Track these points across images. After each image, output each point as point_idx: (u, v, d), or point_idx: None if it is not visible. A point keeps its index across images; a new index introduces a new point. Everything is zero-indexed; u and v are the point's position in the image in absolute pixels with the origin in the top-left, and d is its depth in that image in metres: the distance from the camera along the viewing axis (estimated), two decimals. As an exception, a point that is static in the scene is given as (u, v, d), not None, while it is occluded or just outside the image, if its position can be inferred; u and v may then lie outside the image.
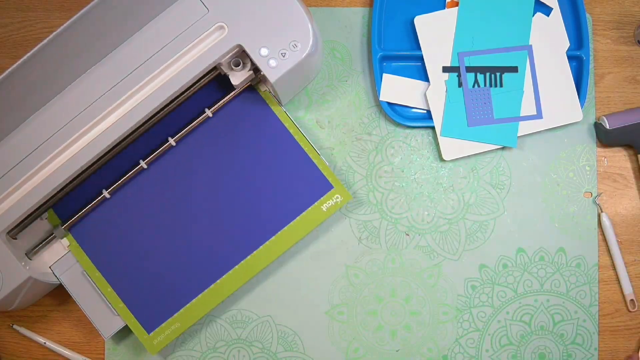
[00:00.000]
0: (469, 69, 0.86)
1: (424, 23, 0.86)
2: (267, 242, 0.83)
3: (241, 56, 0.78)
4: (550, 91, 0.86)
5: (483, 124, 0.85)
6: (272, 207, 0.84)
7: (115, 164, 0.82)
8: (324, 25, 0.89)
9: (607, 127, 0.85)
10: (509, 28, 0.86)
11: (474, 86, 0.86)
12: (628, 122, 0.85)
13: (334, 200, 0.83)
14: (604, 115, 0.86)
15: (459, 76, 0.86)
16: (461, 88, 0.86)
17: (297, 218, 0.83)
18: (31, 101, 0.75)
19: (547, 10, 0.86)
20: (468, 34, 0.86)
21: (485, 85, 0.86)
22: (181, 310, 0.83)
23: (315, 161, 0.83)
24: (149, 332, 0.82)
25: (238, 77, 0.79)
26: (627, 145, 0.87)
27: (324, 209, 0.83)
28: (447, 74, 0.86)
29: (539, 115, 0.86)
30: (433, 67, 0.86)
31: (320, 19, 0.89)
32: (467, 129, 0.86)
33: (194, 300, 0.83)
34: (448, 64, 0.86)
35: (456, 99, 0.86)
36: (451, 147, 0.86)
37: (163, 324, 0.82)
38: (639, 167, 0.87)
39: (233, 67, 0.79)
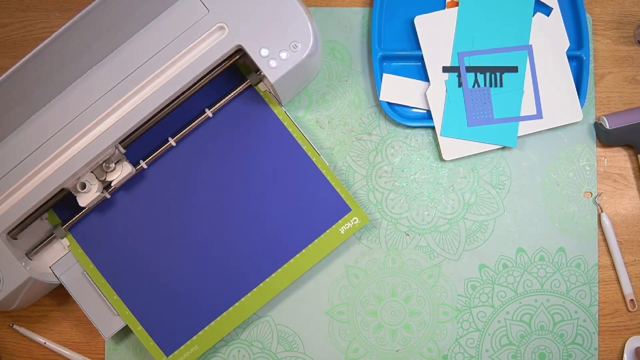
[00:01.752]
0: (469, 69, 0.86)
1: (424, 23, 0.86)
2: (285, 265, 0.83)
3: (92, 174, 0.78)
4: (550, 91, 0.86)
5: (483, 124, 0.85)
6: (287, 226, 0.83)
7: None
8: (324, 25, 0.89)
9: (607, 127, 0.85)
10: (509, 28, 0.86)
11: (474, 86, 0.86)
12: (628, 122, 0.85)
13: (352, 223, 0.83)
14: (604, 115, 0.86)
15: (459, 76, 0.86)
16: (461, 88, 0.86)
17: (316, 240, 0.83)
18: (31, 101, 0.75)
19: (547, 10, 0.86)
20: (468, 34, 0.86)
21: (485, 85, 0.86)
22: (200, 333, 0.82)
23: (329, 179, 0.83)
24: (167, 354, 0.82)
25: (85, 199, 0.78)
26: (627, 145, 0.87)
27: (342, 232, 0.83)
28: (447, 74, 0.86)
29: (539, 115, 0.86)
30: (433, 67, 0.86)
31: (320, 19, 0.89)
32: (467, 129, 0.86)
33: (212, 323, 0.82)
34: (448, 64, 0.86)
35: (456, 99, 0.86)
36: (451, 147, 0.86)
37: (182, 347, 0.82)
38: (639, 167, 0.87)
39: (79, 190, 0.78)
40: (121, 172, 0.79)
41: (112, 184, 0.79)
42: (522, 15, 0.86)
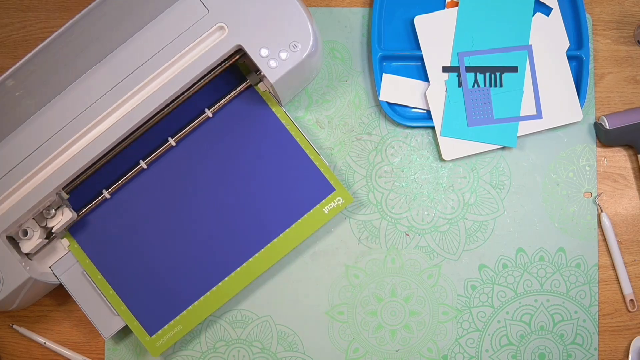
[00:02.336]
0: (469, 69, 0.86)
1: (424, 23, 0.86)
2: (269, 245, 0.83)
3: (57, 202, 0.77)
4: (550, 91, 0.86)
5: (483, 124, 0.85)
6: (275, 210, 0.84)
7: (116, 164, 0.83)
8: (324, 25, 0.89)
9: (607, 127, 0.85)
10: (509, 28, 0.86)
11: (474, 86, 0.86)
12: (628, 122, 0.85)
13: (336, 203, 0.83)
14: (604, 115, 0.86)
15: (459, 76, 0.86)
16: (461, 88, 0.86)
17: (299, 221, 0.83)
18: (31, 102, 0.75)
19: (547, 11, 0.86)
20: (468, 34, 0.86)
21: (485, 85, 0.86)
22: (184, 313, 0.83)
23: (317, 163, 0.83)
24: (151, 335, 0.82)
25: (28, 246, 0.78)
26: (627, 145, 0.87)
27: (326, 212, 0.83)
28: (447, 74, 0.86)
29: (539, 115, 0.86)
30: (433, 67, 0.86)
31: (320, 19, 0.89)
32: (467, 129, 0.85)
33: (196, 303, 0.83)
34: (448, 64, 0.86)
35: (456, 99, 0.86)
36: (451, 147, 0.86)
37: (165, 327, 0.82)
38: (639, 167, 0.87)
39: (21, 237, 0.78)
40: (62, 218, 0.79)
41: (53, 230, 0.79)
42: (522, 15, 0.86)
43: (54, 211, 0.78)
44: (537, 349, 0.85)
